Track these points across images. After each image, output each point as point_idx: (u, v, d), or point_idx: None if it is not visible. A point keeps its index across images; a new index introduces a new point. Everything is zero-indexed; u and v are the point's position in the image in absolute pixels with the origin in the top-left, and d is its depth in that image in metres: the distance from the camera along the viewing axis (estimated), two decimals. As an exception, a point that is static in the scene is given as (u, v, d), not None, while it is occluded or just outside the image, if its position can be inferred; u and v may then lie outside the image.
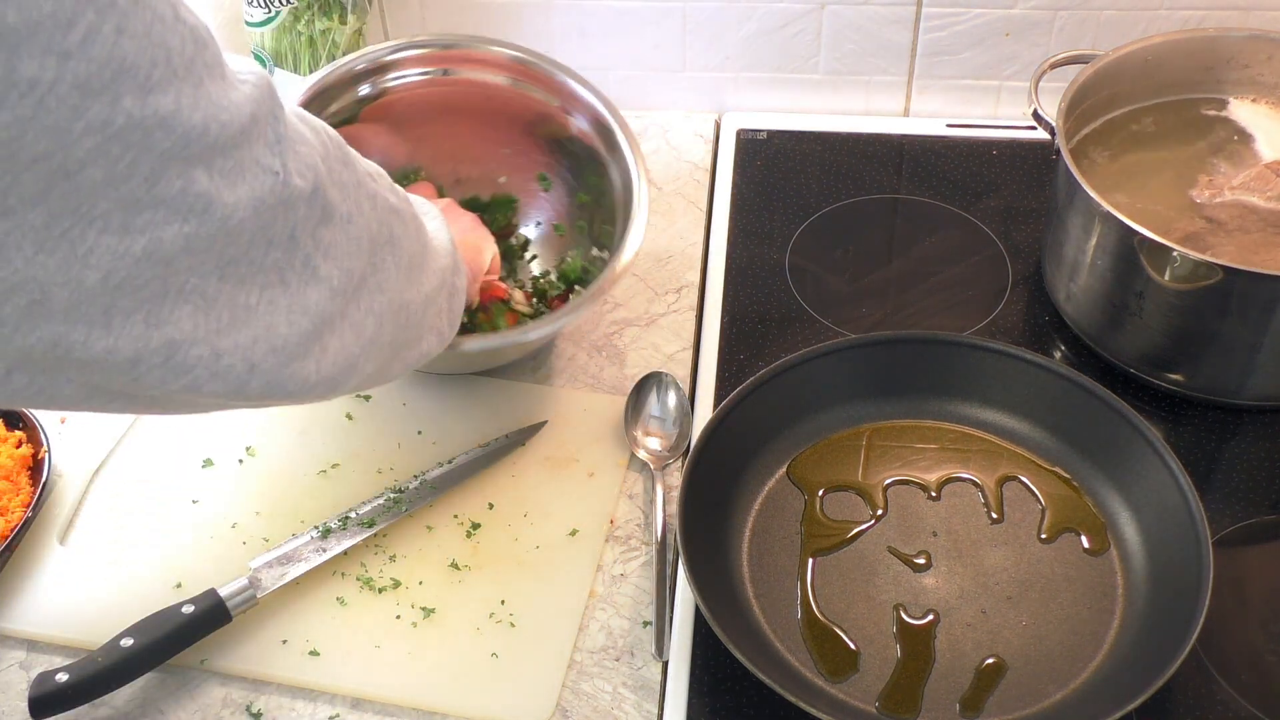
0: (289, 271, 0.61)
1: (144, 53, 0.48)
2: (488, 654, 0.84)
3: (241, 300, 0.58)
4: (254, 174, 0.56)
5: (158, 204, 0.51)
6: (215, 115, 0.52)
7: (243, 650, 0.85)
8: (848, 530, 0.90)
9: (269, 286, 0.60)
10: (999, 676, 0.81)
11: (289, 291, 0.61)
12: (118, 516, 0.94)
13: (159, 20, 0.49)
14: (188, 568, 0.89)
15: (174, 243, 0.52)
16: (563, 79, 1.03)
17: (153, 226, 0.51)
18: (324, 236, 0.63)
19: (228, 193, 0.54)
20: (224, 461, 0.97)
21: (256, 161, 0.56)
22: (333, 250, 0.64)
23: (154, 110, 0.49)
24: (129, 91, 0.47)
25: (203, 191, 0.52)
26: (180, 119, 0.50)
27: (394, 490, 0.92)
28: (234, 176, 0.54)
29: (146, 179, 0.50)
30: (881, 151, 1.24)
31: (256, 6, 1.14)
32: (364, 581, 0.88)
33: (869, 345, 0.96)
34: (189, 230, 0.53)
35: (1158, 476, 0.86)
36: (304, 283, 0.62)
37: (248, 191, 0.55)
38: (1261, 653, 0.83)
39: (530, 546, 0.90)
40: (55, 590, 0.89)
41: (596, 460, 0.96)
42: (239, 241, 0.56)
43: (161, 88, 0.49)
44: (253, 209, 0.56)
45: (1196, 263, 0.88)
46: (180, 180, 0.51)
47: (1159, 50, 1.05)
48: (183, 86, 0.50)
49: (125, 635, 0.81)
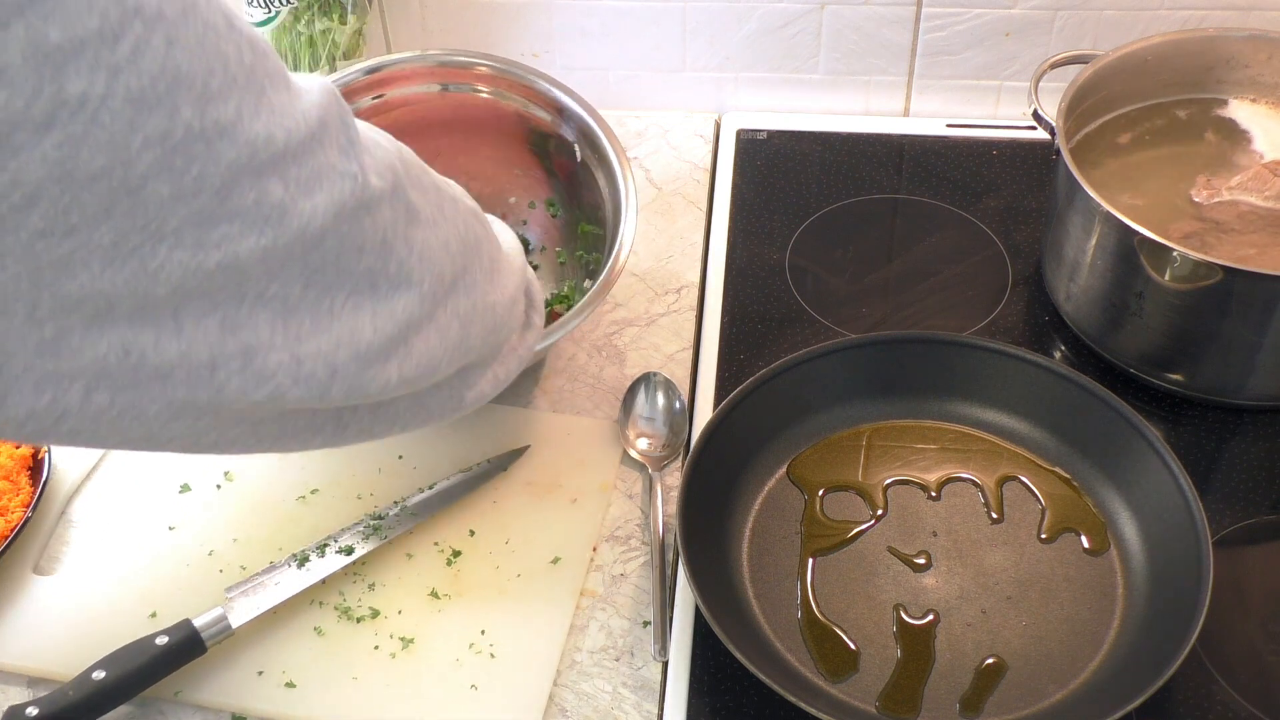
0: (380, 277, 0.60)
1: (198, 62, 0.47)
2: (467, 685, 0.83)
3: (325, 305, 0.57)
4: (330, 179, 0.55)
5: (232, 217, 0.50)
6: (280, 122, 0.51)
7: (218, 682, 0.83)
8: (848, 530, 0.90)
9: (357, 292, 0.58)
10: (999, 676, 0.81)
11: (378, 296, 0.60)
12: (92, 543, 0.92)
13: (211, 30, 0.48)
14: (163, 597, 0.87)
15: (250, 255, 0.52)
16: (544, 87, 1.03)
17: (228, 240, 0.51)
18: (415, 238, 0.62)
19: (304, 201, 0.53)
20: (201, 487, 0.95)
21: (332, 167, 0.55)
22: (425, 253, 0.63)
23: (215, 120, 0.48)
24: (186, 102, 0.47)
25: (278, 201, 0.52)
26: (244, 128, 0.49)
27: (373, 517, 0.91)
28: (310, 184, 0.53)
29: (217, 192, 0.49)
30: (881, 151, 1.24)
31: (256, 6, 1.14)
32: (342, 611, 0.87)
33: (869, 345, 0.96)
34: (265, 242, 0.52)
35: (1158, 476, 0.86)
36: (394, 288, 0.61)
37: (326, 198, 0.54)
38: (1261, 653, 0.83)
39: (511, 575, 0.89)
40: (26, 620, 0.86)
41: (579, 486, 0.95)
42: (323, 248, 0.55)
43: (221, 97, 0.48)
44: (333, 215, 0.55)
45: (1196, 263, 0.88)
46: (254, 191, 0.50)
47: (1159, 50, 1.05)
48: (244, 95, 0.49)
49: (97, 667, 0.79)
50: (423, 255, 0.62)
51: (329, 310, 0.57)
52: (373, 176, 0.58)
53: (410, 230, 0.61)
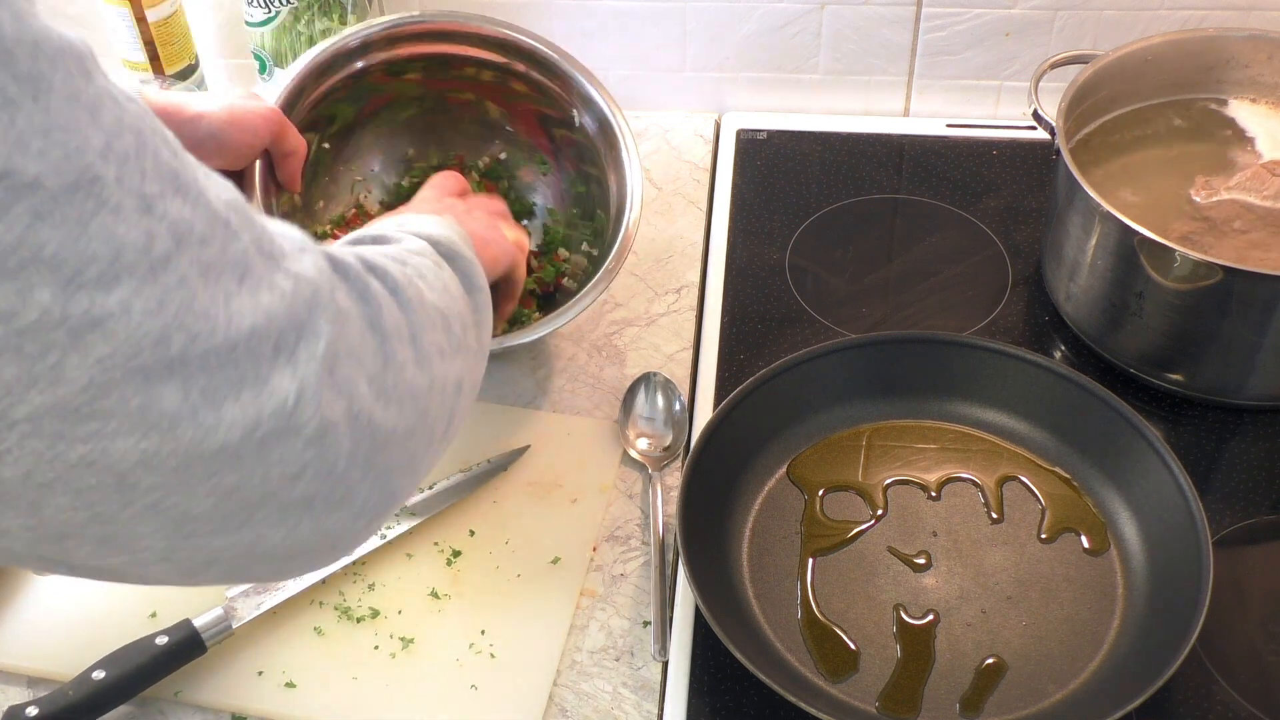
0: (319, 501, 0.52)
1: (72, 245, 0.41)
2: (467, 686, 0.83)
3: (237, 521, 0.50)
4: (250, 394, 0.47)
5: (105, 416, 0.44)
6: (186, 324, 0.45)
7: (218, 682, 0.83)
8: (848, 530, 0.90)
9: (284, 510, 0.51)
10: (999, 676, 0.81)
11: (312, 516, 0.52)
12: None
13: (110, 212, 0.42)
14: (162, 597, 0.87)
15: (126, 457, 0.45)
16: (572, 71, 1.04)
17: (96, 438, 0.44)
18: (376, 463, 0.54)
19: (207, 413, 0.46)
20: None
21: (260, 380, 0.48)
22: (384, 475, 0.55)
23: (84, 310, 0.42)
24: (45, 284, 0.41)
25: (170, 409, 0.45)
26: (129, 323, 0.43)
27: None
28: (219, 396, 0.46)
29: (84, 388, 0.43)
30: (881, 151, 1.24)
31: (256, 6, 1.14)
32: (342, 611, 0.87)
33: (869, 345, 0.96)
34: (146, 447, 0.45)
35: (1158, 476, 0.86)
36: (332, 509, 0.53)
37: (236, 413, 0.47)
38: (1261, 653, 0.83)
39: (511, 575, 0.89)
40: (26, 620, 0.86)
41: (580, 486, 0.95)
42: (243, 469, 0.48)
43: (100, 286, 0.42)
44: (241, 433, 0.47)
45: (1196, 263, 0.88)
46: (139, 396, 0.44)
47: (1159, 50, 1.05)
48: (141, 288, 0.43)
49: (97, 667, 0.79)
50: (381, 476, 0.54)
51: (241, 522, 0.50)
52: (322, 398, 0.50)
53: (374, 456, 0.54)
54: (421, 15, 1.02)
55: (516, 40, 1.03)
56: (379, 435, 0.54)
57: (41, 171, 0.40)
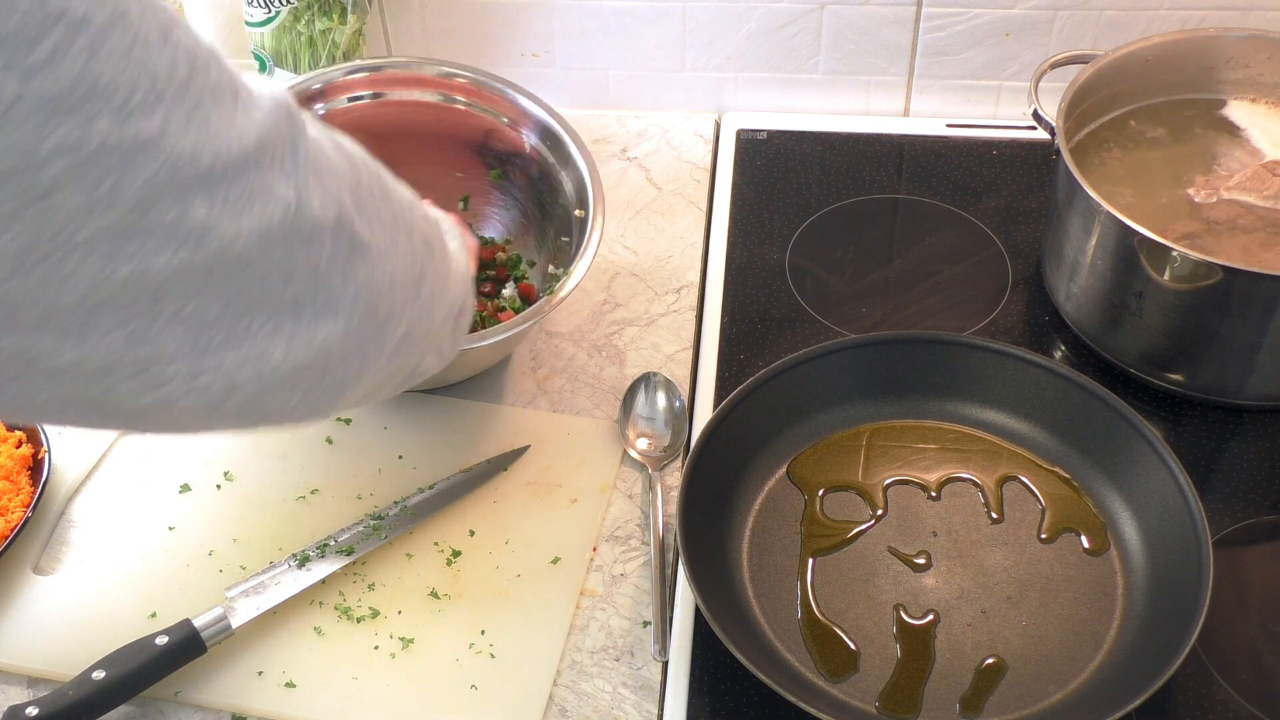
0: (306, 305, 0.57)
1: (122, 74, 0.46)
2: (467, 686, 0.83)
3: (242, 326, 0.55)
4: (261, 203, 0.53)
5: (149, 233, 0.49)
6: (212, 141, 0.50)
7: (218, 682, 0.83)
8: (848, 530, 0.90)
9: (278, 314, 0.56)
10: (999, 676, 0.81)
11: (300, 322, 0.58)
12: (92, 544, 0.92)
13: (141, 42, 0.47)
14: (163, 597, 0.87)
15: (164, 270, 0.50)
16: (511, 95, 1.04)
17: (141, 254, 0.49)
18: (355, 273, 0.60)
19: (229, 222, 0.51)
20: (202, 487, 0.95)
21: (267, 190, 0.53)
22: (363, 289, 0.61)
23: (134, 134, 0.47)
24: (103, 113, 0.45)
25: (199, 220, 0.50)
26: (168, 144, 0.48)
27: (374, 517, 0.91)
28: (239, 206, 0.52)
29: (134, 207, 0.47)
30: (881, 151, 1.24)
31: (256, 6, 1.14)
32: (342, 611, 0.87)
33: (869, 345, 0.96)
34: (182, 259, 0.50)
35: (1158, 476, 0.86)
36: (318, 316, 0.58)
37: (253, 221, 0.52)
38: (1261, 653, 0.83)
39: (511, 575, 0.89)
40: (26, 620, 0.87)
41: (579, 486, 0.95)
42: (250, 273, 0.53)
43: (144, 111, 0.47)
44: (258, 239, 0.53)
45: (1196, 263, 0.88)
46: (175, 209, 0.49)
47: (1159, 50, 1.05)
48: (172, 110, 0.48)
49: (97, 667, 0.79)
50: (359, 290, 0.60)
51: (244, 330, 0.55)
52: (315, 204, 0.56)
53: (350, 264, 0.59)
54: (355, 64, 1.03)
55: (450, 78, 1.04)
56: (357, 244, 0.60)
57: (88, 9, 0.44)
